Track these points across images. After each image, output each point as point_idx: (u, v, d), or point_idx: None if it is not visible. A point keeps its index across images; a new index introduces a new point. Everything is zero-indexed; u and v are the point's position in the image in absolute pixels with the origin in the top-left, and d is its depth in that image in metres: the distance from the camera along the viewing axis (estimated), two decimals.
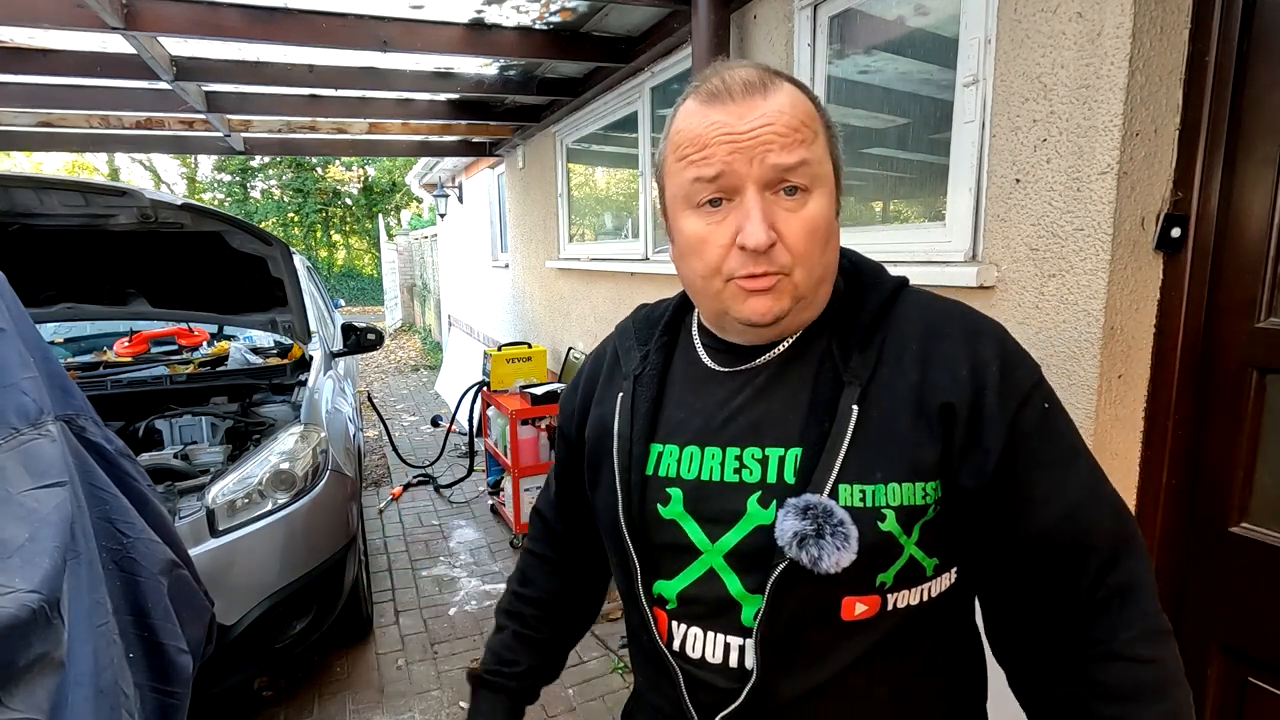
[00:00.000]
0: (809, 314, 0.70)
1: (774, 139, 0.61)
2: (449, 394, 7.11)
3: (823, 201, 0.64)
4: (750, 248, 0.62)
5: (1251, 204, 1.25)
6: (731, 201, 0.64)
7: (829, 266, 0.68)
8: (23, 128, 4.21)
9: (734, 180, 0.63)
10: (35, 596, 0.70)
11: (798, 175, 0.62)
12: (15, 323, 0.90)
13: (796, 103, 0.64)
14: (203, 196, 20.40)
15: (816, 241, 0.64)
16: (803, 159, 0.62)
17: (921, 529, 0.64)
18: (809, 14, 2.10)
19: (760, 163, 0.62)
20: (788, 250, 0.63)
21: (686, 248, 0.68)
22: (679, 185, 0.67)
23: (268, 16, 2.55)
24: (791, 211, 0.63)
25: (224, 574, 2.04)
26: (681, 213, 0.68)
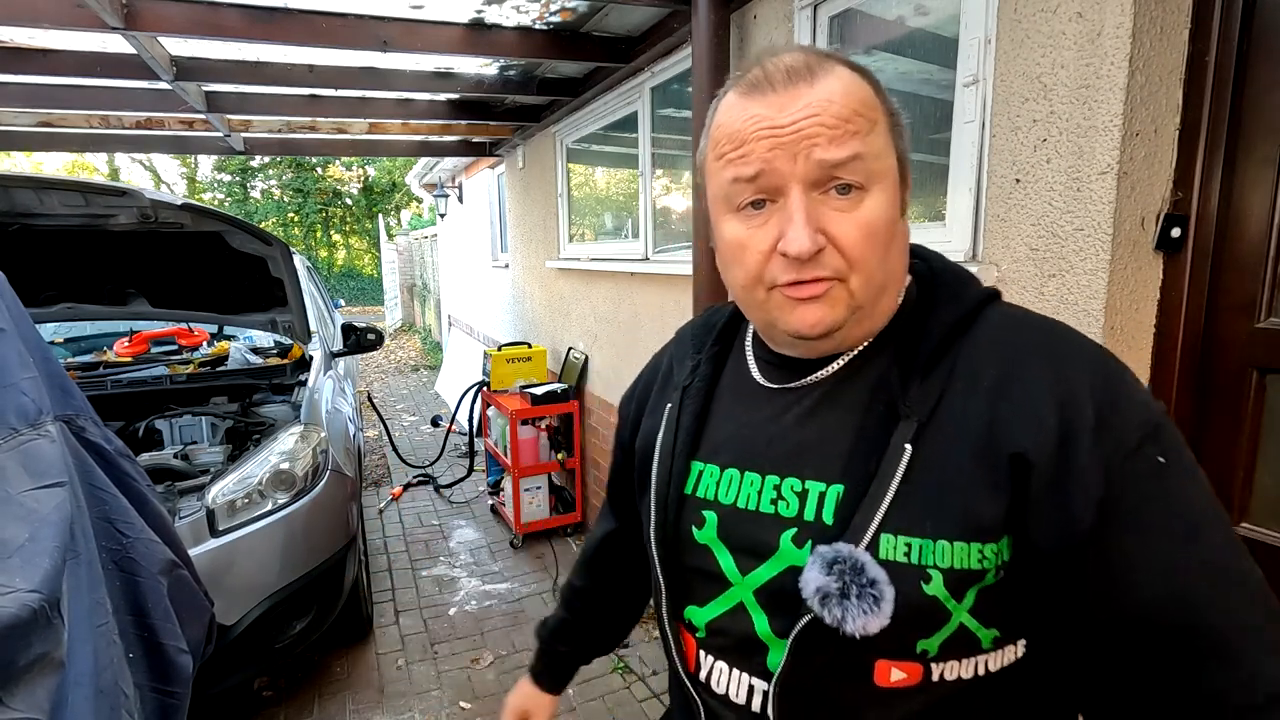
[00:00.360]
0: (869, 326, 0.62)
1: (820, 131, 0.54)
2: (449, 394, 7.11)
3: (882, 200, 0.56)
4: (792, 255, 0.55)
5: (1251, 204, 1.25)
6: (775, 203, 0.57)
7: (892, 272, 0.60)
8: (23, 128, 4.21)
9: (776, 179, 0.56)
10: (35, 596, 0.70)
11: (850, 171, 0.55)
12: (15, 323, 0.90)
13: (850, 89, 0.56)
14: (203, 196, 20.40)
15: (875, 244, 0.56)
16: (855, 153, 0.54)
17: (978, 595, 0.54)
18: (809, 14, 2.10)
19: (805, 159, 0.54)
20: (840, 254, 0.56)
21: (728, 254, 0.62)
22: (718, 186, 0.60)
23: (268, 16, 2.55)
24: (844, 212, 0.56)
25: (224, 574, 2.04)
26: (722, 216, 0.61)
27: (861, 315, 0.60)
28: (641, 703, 2.48)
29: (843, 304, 0.58)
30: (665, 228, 3.39)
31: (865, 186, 0.56)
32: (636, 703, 2.48)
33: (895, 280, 0.62)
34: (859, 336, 0.62)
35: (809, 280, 0.56)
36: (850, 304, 0.58)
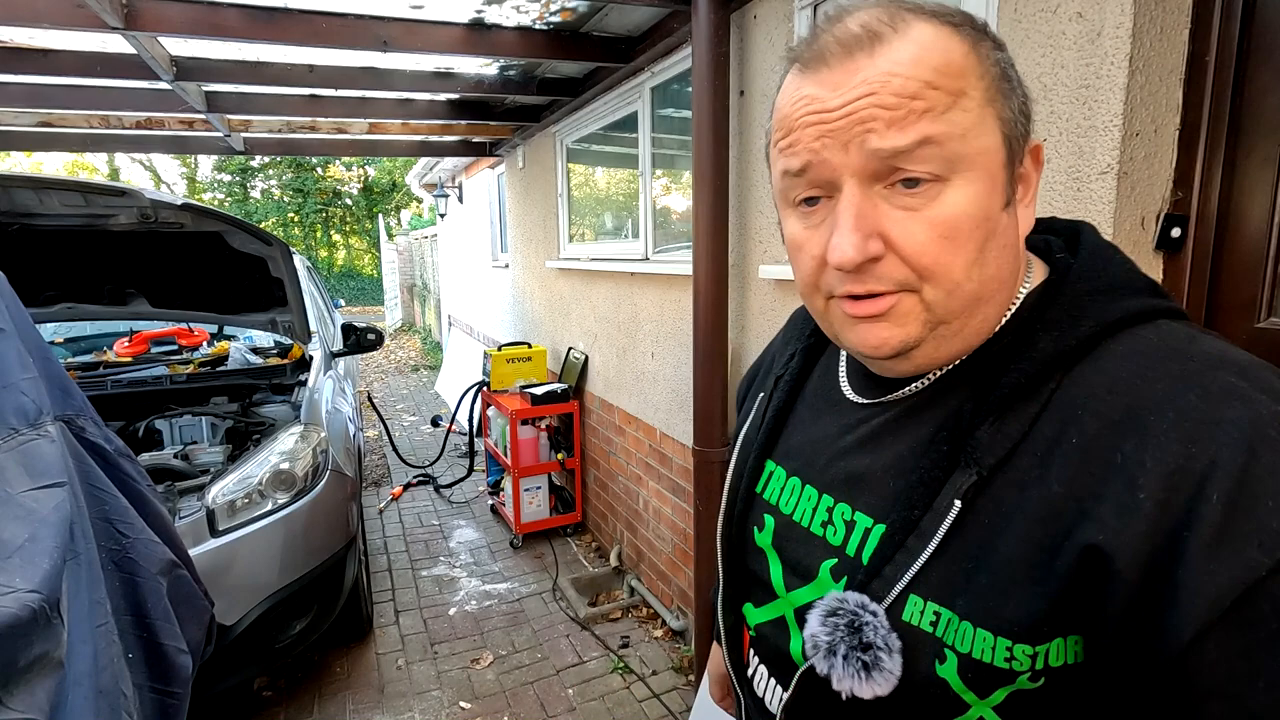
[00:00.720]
0: (961, 345, 0.51)
1: (876, 114, 0.44)
2: (449, 394, 7.10)
3: (968, 192, 0.45)
4: (834, 265, 0.47)
5: (1252, 204, 1.25)
6: (830, 199, 0.49)
7: (993, 279, 0.48)
8: (23, 128, 4.21)
9: (826, 173, 0.47)
10: (35, 596, 0.70)
11: (916, 160, 0.45)
12: (15, 323, 0.90)
13: (924, 55, 0.45)
14: (203, 196, 20.40)
15: (956, 248, 0.46)
16: (923, 137, 0.44)
17: (1009, 698, 0.46)
18: (809, 14, 2.10)
19: (858, 148, 0.45)
20: (905, 263, 0.46)
21: (789, 254, 0.54)
22: (775, 178, 0.53)
23: (268, 16, 2.55)
24: (911, 210, 0.46)
25: (224, 574, 2.04)
26: (784, 210, 0.54)
27: (948, 332, 0.49)
28: (641, 703, 2.47)
29: (916, 320, 0.48)
30: (665, 228, 3.39)
31: (943, 176, 0.45)
32: (636, 703, 2.48)
33: (1000, 287, 0.50)
34: (949, 355, 0.51)
35: (864, 296, 0.48)
36: (928, 319, 0.48)
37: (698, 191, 2.35)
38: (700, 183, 2.33)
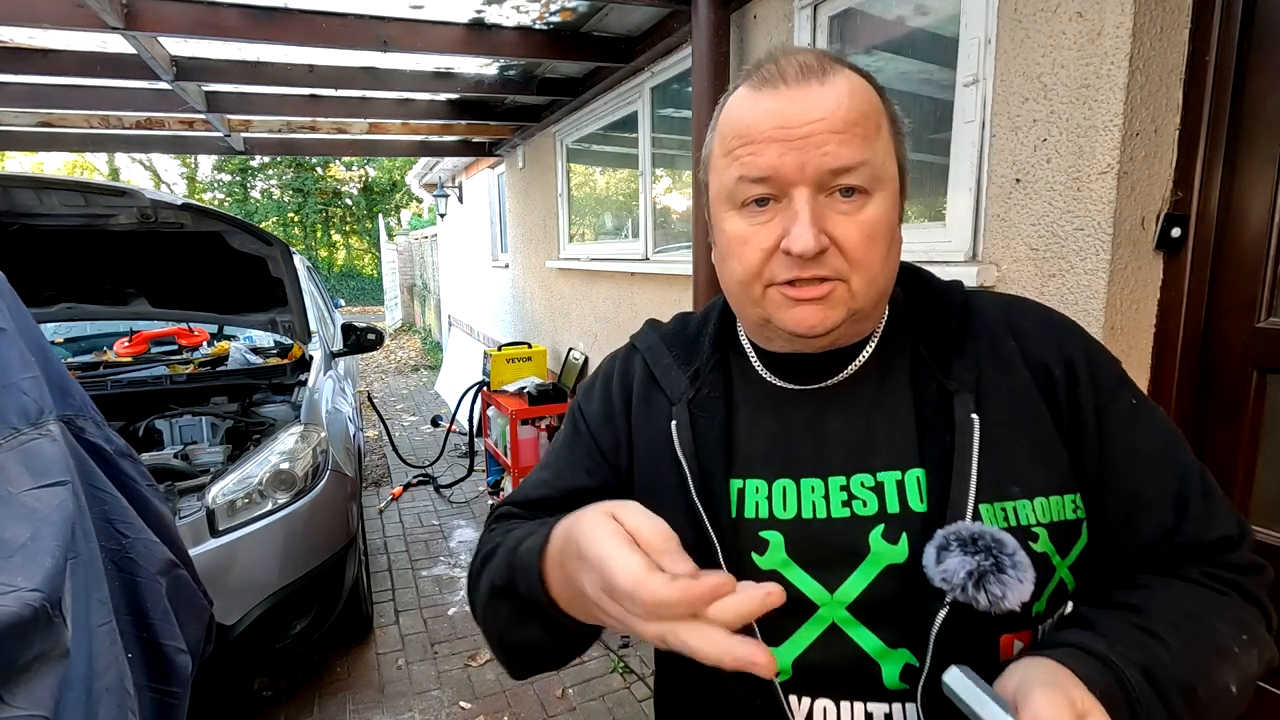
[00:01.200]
0: (862, 327, 0.63)
1: (829, 137, 0.54)
2: (449, 394, 7.10)
3: (884, 205, 0.57)
4: (796, 252, 0.54)
5: (1251, 204, 1.25)
6: (779, 202, 0.57)
7: (890, 276, 0.60)
8: (23, 128, 4.21)
9: (783, 180, 0.56)
10: (37, 595, 0.70)
11: (856, 176, 0.55)
12: (16, 322, 0.90)
13: (858, 93, 0.56)
14: (203, 196, 20.40)
15: (876, 247, 0.57)
16: (862, 159, 0.55)
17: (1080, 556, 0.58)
18: (809, 14, 2.10)
19: (814, 164, 0.54)
20: (843, 255, 0.56)
21: (727, 249, 0.61)
22: (723, 183, 0.60)
23: (268, 16, 2.55)
24: (847, 215, 0.56)
25: (224, 574, 2.04)
26: (724, 212, 0.60)
27: (860, 316, 0.60)
28: (641, 703, 2.48)
29: (843, 305, 0.58)
30: (665, 228, 3.39)
31: (869, 191, 0.56)
32: (636, 703, 2.48)
33: (891, 283, 0.62)
34: (851, 336, 0.63)
35: (810, 278, 0.56)
36: (850, 305, 0.58)
37: (697, 191, 2.35)
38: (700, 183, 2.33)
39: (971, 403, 0.58)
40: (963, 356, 0.61)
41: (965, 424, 0.57)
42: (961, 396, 0.59)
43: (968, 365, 0.61)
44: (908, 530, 0.57)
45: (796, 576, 0.59)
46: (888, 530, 0.57)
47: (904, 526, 0.57)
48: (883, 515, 0.58)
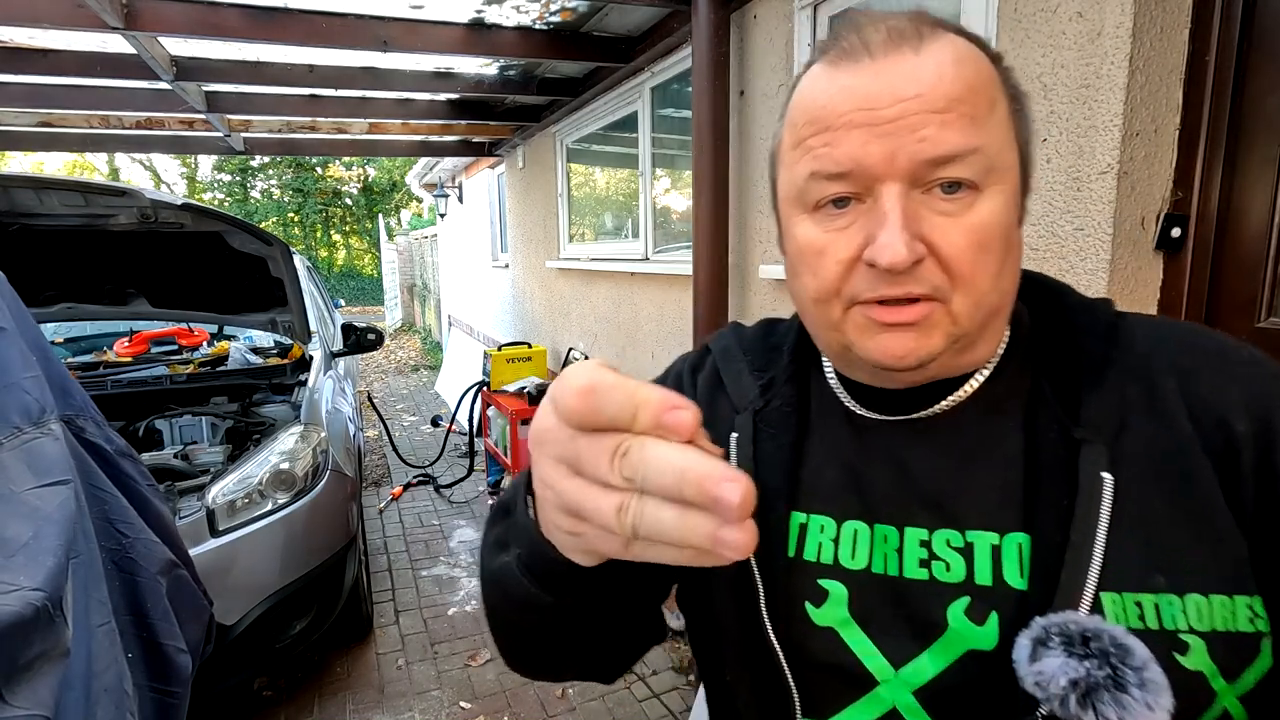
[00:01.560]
0: (973, 358, 0.50)
1: (928, 117, 0.43)
2: (449, 394, 7.10)
3: (999, 203, 0.45)
4: (883, 265, 0.43)
5: (1252, 204, 1.25)
6: (863, 202, 0.46)
7: (1005, 294, 0.48)
8: (23, 128, 4.22)
9: (868, 175, 0.44)
10: (39, 595, 0.70)
11: (962, 167, 0.43)
12: (16, 322, 0.90)
13: (965, 61, 0.44)
14: (203, 196, 20.41)
15: (987, 257, 0.45)
16: (971, 144, 0.43)
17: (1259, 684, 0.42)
18: (809, 14, 2.10)
19: (907, 153, 0.43)
20: (943, 268, 0.44)
21: (798, 261, 0.50)
22: (793, 181, 0.49)
23: (268, 16, 2.55)
24: (951, 216, 0.44)
25: (224, 574, 2.04)
26: (795, 215, 0.49)
27: (963, 345, 0.48)
28: (641, 703, 2.48)
29: (941, 332, 0.46)
30: (665, 228, 3.39)
31: (979, 186, 0.45)
32: (636, 703, 2.48)
33: (1008, 301, 0.49)
34: (951, 369, 0.50)
35: (901, 298, 0.45)
36: (952, 332, 0.46)
37: (698, 191, 2.35)
38: (700, 183, 2.33)
39: (1104, 458, 0.45)
40: (1099, 397, 0.47)
41: (1092, 484, 0.44)
42: (1091, 449, 0.45)
43: (1105, 409, 0.46)
44: (999, 610, 0.45)
45: (856, 641, 0.49)
46: (974, 606, 0.46)
47: (995, 604, 0.45)
48: (969, 585, 0.46)
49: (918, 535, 0.49)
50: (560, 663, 0.54)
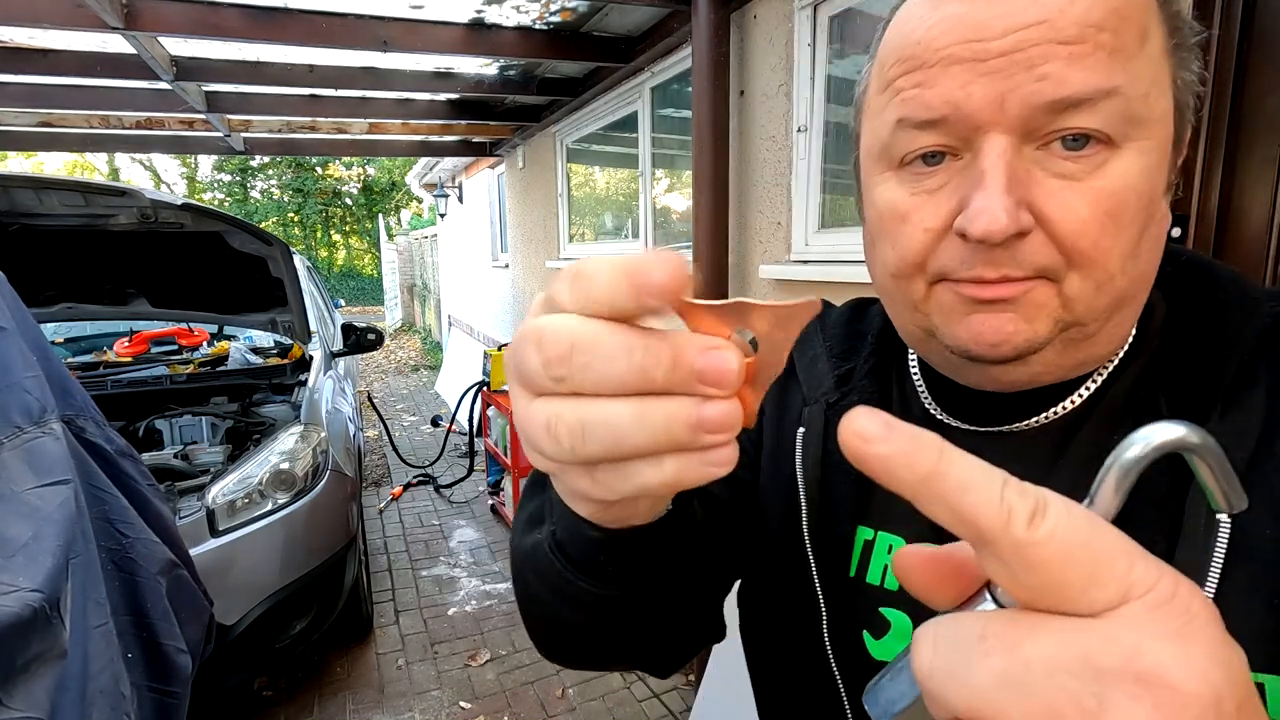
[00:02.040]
0: (1093, 353, 0.40)
1: (1053, 49, 0.33)
2: (449, 394, 7.10)
3: (1140, 164, 0.35)
4: (976, 236, 0.35)
5: (1252, 203, 1.25)
6: (958, 159, 0.37)
7: (1140, 278, 0.38)
8: (23, 128, 4.21)
9: (967, 123, 0.35)
10: (37, 596, 0.70)
11: (1095, 114, 0.34)
12: (17, 322, 0.90)
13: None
14: (203, 196, 20.40)
15: (1121, 232, 0.35)
16: (1109, 85, 0.33)
17: None
18: (809, 14, 2.10)
19: (1022, 96, 0.34)
20: (1055, 243, 0.35)
21: (876, 227, 0.42)
22: (876, 132, 0.40)
23: (268, 16, 2.55)
24: (1072, 180, 0.35)
25: (224, 574, 2.04)
26: (876, 174, 0.41)
27: (1080, 335, 0.38)
28: (641, 703, 2.48)
29: (1048, 316, 0.37)
30: (665, 228, 3.39)
31: (1114, 140, 0.35)
32: (636, 703, 2.48)
33: (1144, 285, 0.39)
34: (1070, 366, 0.40)
35: (996, 280, 0.37)
36: (1061, 318, 0.37)
37: (698, 191, 2.35)
38: (700, 183, 2.33)
39: None
40: (1232, 412, 0.37)
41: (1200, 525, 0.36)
42: None
43: (1237, 430, 0.37)
44: None
45: None
46: None
47: None
48: None
49: None
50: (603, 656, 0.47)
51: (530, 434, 0.24)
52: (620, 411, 0.21)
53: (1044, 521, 0.18)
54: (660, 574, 0.38)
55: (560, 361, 0.22)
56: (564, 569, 0.37)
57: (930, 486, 0.19)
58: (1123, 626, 0.18)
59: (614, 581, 0.37)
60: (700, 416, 0.21)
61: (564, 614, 0.41)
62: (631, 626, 0.42)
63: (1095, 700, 0.17)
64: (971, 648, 0.19)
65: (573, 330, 0.22)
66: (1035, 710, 0.18)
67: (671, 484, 0.23)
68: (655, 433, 0.21)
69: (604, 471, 0.23)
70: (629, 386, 0.21)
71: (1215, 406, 0.38)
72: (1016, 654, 0.18)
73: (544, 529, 0.39)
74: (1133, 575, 0.18)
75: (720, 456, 0.22)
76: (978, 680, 0.19)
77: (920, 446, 0.19)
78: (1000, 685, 0.18)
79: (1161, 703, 0.17)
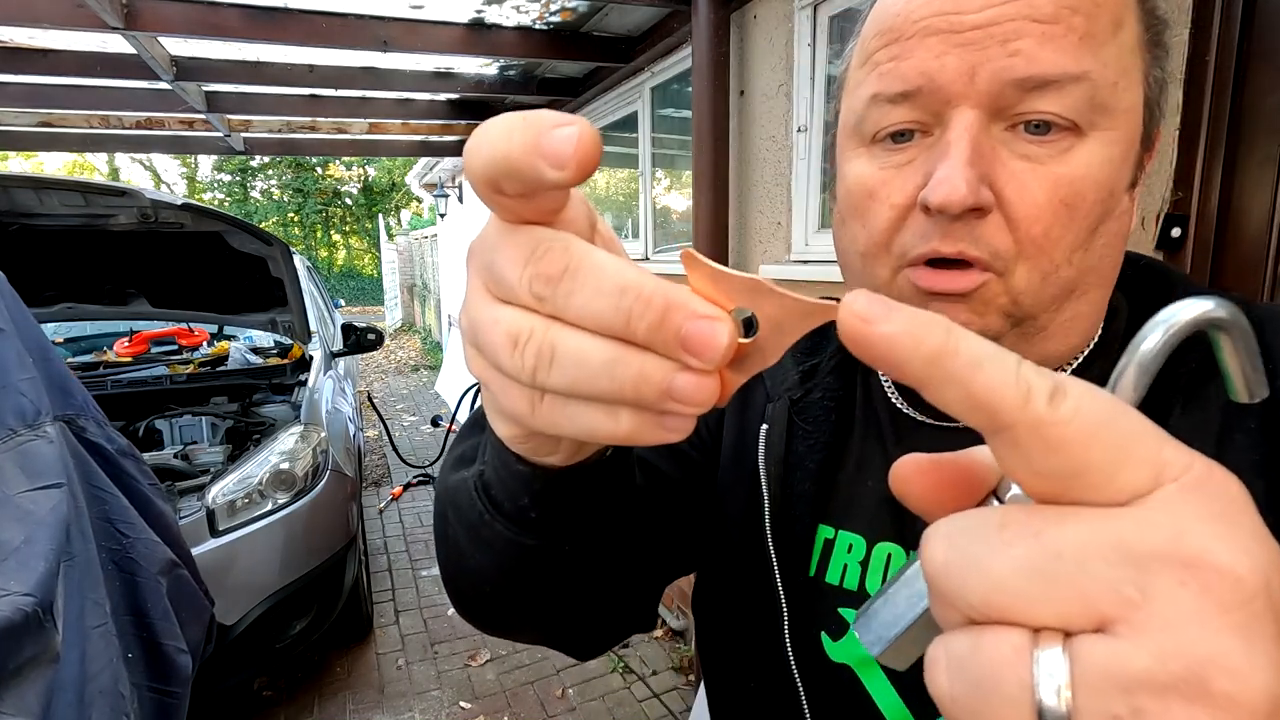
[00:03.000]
0: (1049, 349, 0.40)
1: (1026, 26, 0.34)
2: (449, 394, 7.10)
3: (1103, 154, 0.35)
4: (936, 204, 0.35)
5: (1252, 204, 1.25)
6: (928, 135, 0.37)
7: (1090, 271, 0.38)
8: (23, 128, 4.21)
9: (939, 95, 0.36)
10: (29, 600, 0.70)
11: (1060, 98, 0.34)
12: (15, 323, 0.90)
13: None
14: (203, 196, 20.41)
15: (1073, 221, 0.35)
16: (1078, 69, 0.34)
17: None
18: (809, 14, 2.10)
19: (992, 70, 0.34)
20: (1010, 226, 0.35)
21: (845, 205, 0.42)
22: (852, 106, 0.40)
23: (268, 16, 2.55)
24: (1034, 163, 0.35)
25: (224, 574, 2.04)
26: (849, 150, 0.41)
27: (1032, 329, 0.38)
28: (641, 703, 2.47)
29: (996, 310, 0.37)
30: (665, 228, 3.39)
31: (1080, 127, 0.35)
32: (637, 703, 2.48)
33: (1103, 280, 0.39)
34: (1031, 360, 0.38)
35: (951, 257, 0.36)
36: (1008, 311, 0.37)
37: (698, 191, 2.35)
38: (700, 183, 2.33)
39: None
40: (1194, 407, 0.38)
41: None
42: None
43: (1196, 425, 0.37)
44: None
45: (877, 688, 0.42)
46: None
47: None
48: None
49: None
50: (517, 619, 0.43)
51: (487, 340, 0.22)
52: (594, 350, 0.20)
53: (1065, 399, 0.17)
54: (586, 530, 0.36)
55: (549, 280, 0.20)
56: (485, 509, 0.35)
57: (940, 366, 0.17)
58: (1160, 510, 0.16)
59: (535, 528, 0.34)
60: (673, 384, 0.19)
61: (478, 560, 0.38)
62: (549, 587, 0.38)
63: (1136, 589, 0.16)
64: (992, 537, 0.17)
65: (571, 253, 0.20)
66: (1067, 602, 0.16)
67: (621, 438, 0.21)
68: (622, 384, 0.20)
69: (551, 402, 0.22)
70: (609, 328, 0.20)
71: (1177, 400, 0.38)
72: (1044, 541, 0.17)
73: (472, 468, 0.37)
74: (1163, 456, 0.17)
75: (677, 424, 0.21)
76: (1000, 570, 0.17)
77: (927, 323, 0.18)
78: (1027, 575, 0.16)
79: (1211, 587, 0.15)
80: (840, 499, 0.46)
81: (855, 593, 0.43)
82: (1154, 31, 0.37)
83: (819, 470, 0.46)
